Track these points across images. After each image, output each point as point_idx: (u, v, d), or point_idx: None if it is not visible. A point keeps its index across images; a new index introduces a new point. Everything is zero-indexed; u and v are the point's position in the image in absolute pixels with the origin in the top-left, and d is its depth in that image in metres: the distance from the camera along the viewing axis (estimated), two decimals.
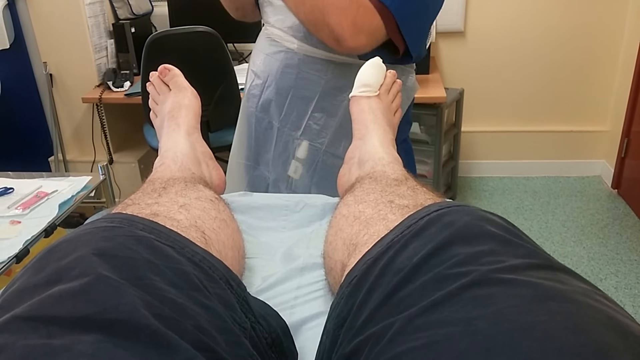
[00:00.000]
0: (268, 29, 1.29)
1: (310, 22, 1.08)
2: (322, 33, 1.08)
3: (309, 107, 1.24)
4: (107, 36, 2.80)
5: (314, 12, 1.04)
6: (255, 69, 1.33)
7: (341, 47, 1.07)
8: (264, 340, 0.57)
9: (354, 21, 1.02)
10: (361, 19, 1.03)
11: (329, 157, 1.26)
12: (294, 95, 1.25)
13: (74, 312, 0.42)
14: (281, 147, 1.30)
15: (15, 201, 1.49)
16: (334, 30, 1.03)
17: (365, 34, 1.05)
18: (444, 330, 0.41)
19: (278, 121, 1.29)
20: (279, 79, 1.26)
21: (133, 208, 0.65)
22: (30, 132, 2.93)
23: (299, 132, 1.27)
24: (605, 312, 0.41)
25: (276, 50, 1.25)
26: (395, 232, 0.59)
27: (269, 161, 1.35)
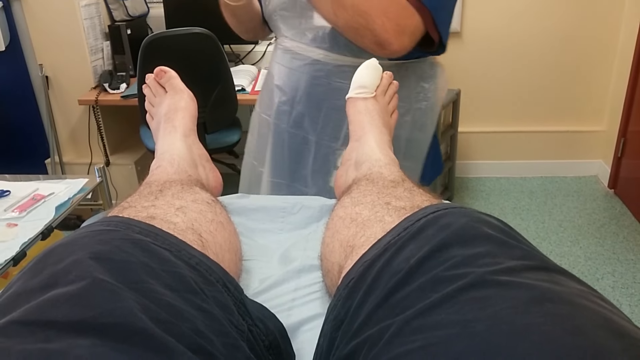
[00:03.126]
0: (286, 42, 1.27)
1: (352, 29, 1.05)
2: (364, 39, 1.05)
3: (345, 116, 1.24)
4: (102, 38, 2.80)
5: (356, 19, 1.02)
6: (280, 84, 1.30)
7: (384, 51, 1.05)
8: (262, 342, 0.57)
9: (397, 23, 1.01)
10: (403, 21, 1.02)
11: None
12: (329, 107, 1.22)
13: (71, 316, 0.41)
14: (320, 160, 1.27)
15: (11, 204, 1.49)
16: (379, 35, 1.01)
17: (408, 34, 1.03)
18: (440, 332, 0.41)
19: (314, 135, 1.26)
20: (309, 92, 1.23)
21: (129, 211, 0.65)
22: (26, 135, 2.92)
23: (338, 142, 1.24)
24: (601, 314, 0.42)
25: (301, 64, 1.23)
26: (392, 234, 0.59)
27: (306, 176, 1.31)
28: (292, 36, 1.23)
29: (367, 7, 1.00)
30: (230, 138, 2.60)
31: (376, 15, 1.00)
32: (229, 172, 3.08)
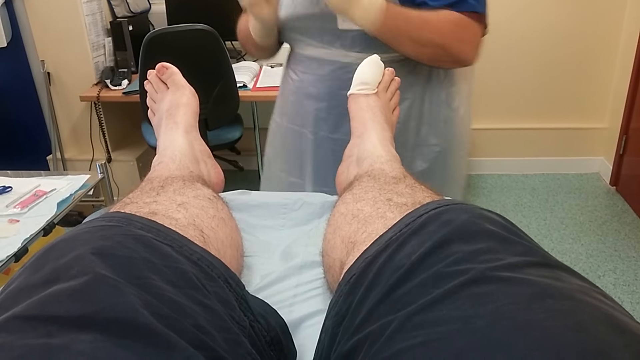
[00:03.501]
0: (309, 50, 1.27)
1: (434, 60, 1.18)
2: (446, 64, 1.20)
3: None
4: (104, 34, 2.79)
5: (437, 52, 1.13)
6: (314, 92, 1.29)
7: (463, 66, 1.20)
8: (263, 338, 0.57)
9: (469, 42, 1.14)
10: (472, 37, 1.14)
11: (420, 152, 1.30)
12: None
13: (73, 311, 0.42)
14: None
15: (13, 200, 1.49)
16: (458, 58, 1.15)
17: (477, 44, 1.16)
18: (442, 328, 0.42)
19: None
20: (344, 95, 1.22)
21: (131, 207, 0.65)
22: (28, 131, 2.92)
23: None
24: (603, 310, 0.42)
25: (331, 69, 1.24)
26: (393, 230, 0.59)
27: None
28: (317, 43, 1.23)
29: (443, 40, 1.12)
30: (231, 135, 2.60)
31: (452, 45, 1.12)
32: (230, 169, 3.08)
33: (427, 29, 1.11)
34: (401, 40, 1.13)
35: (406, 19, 1.10)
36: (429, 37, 1.11)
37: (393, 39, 1.13)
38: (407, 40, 1.12)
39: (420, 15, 1.11)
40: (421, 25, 1.11)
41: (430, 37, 1.11)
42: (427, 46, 1.13)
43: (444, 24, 1.11)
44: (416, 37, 1.12)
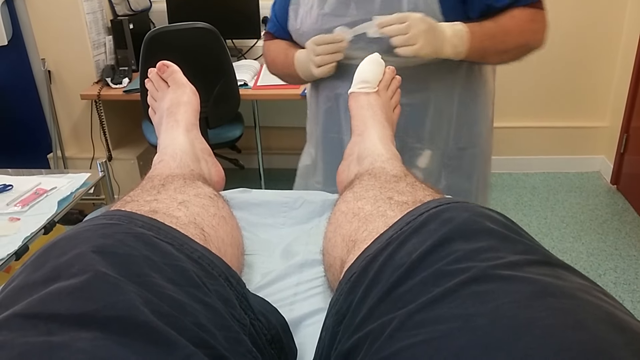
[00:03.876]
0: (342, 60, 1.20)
1: (515, 59, 1.21)
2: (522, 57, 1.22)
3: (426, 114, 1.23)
4: (105, 32, 2.79)
5: (520, 51, 1.19)
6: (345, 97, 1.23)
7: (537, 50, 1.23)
8: (264, 336, 0.57)
9: (544, 29, 1.19)
10: (544, 23, 1.19)
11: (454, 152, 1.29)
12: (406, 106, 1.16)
13: (73, 309, 0.42)
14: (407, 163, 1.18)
15: (14, 198, 1.49)
16: (537, 48, 1.20)
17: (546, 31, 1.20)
18: (442, 326, 0.42)
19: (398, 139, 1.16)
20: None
21: (132, 205, 0.65)
22: (28, 129, 2.92)
23: (423, 141, 1.25)
24: (604, 308, 0.42)
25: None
26: (394, 229, 0.59)
27: None
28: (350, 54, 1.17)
29: (524, 40, 1.17)
30: (232, 133, 2.60)
31: (531, 40, 1.18)
32: (231, 167, 3.08)
33: (510, 37, 1.15)
34: (488, 55, 1.18)
35: (491, 37, 1.13)
36: (512, 44, 1.16)
37: (480, 57, 1.18)
38: (493, 54, 1.18)
39: (500, 26, 1.14)
40: (504, 37, 1.15)
41: (514, 42, 1.16)
42: (511, 51, 1.18)
43: (522, 25, 1.15)
44: (502, 48, 1.17)
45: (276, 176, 3.28)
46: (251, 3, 2.83)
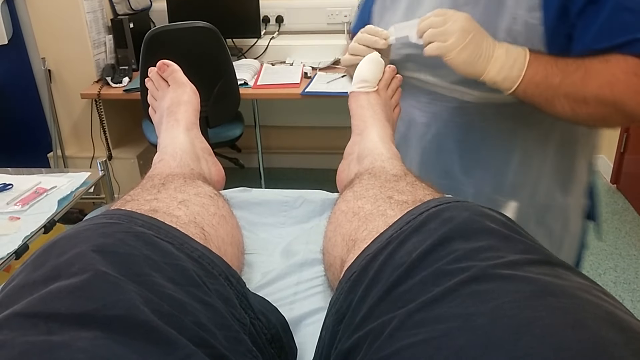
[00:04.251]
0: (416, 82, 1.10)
1: (598, 121, 0.92)
2: (612, 124, 0.95)
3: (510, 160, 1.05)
4: (105, 32, 2.79)
5: (605, 111, 0.88)
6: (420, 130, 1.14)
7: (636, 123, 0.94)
8: (264, 336, 0.57)
9: None
10: None
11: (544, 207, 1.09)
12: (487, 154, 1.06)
13: (73, 309, 0.42)
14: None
15: (14, 197, 1.49)
16: (633, 114, 0.87)
17: None
18: (443, 325, 0.42)
19: (472, 185, 1.09)
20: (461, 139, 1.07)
21: (132, 204, 0.65)
22: (28, 128, 2.93)
23: (503, 192, 1.07)
24: (604, 308, 0.42)
25: (445, 107, 1.06)
26: (394, 228, 0.59)
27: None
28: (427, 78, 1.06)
29: (612, 95, 0.86)
30: (232, 132, 2.61)
31: (630, 100, 0.86)
32: (231, 166, 3.08)
33: (592, 83, 0.86)
34: (554, 98, 0.89)
35: (562, 73, 0.88)
36: (593, 93, 0.86)
37: (542, 97, 0.90)
38: (562, 99, 0.89)
39: (582, 65, 0.87)
40: (583, 80, 0.87)
41: (595, 92, 0.86)
42: (590, 103, 0.87)
43: (616, 75, 0.85)
44: (575, 94, 0.88)
45: (276, 175, 3.28)
46: (251, 2, 2.83)
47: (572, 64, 0.88)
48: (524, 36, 0.88)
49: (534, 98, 0.91)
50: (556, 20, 0.87)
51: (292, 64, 2.82)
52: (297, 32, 2.99)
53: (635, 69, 0.84)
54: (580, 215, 1.12)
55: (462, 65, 0.89)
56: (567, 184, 1.06)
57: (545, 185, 1.06)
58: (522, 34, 0.88)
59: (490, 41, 0.89)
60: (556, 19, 0.87)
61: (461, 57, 0.88)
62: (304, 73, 2.66)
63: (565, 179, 1.06)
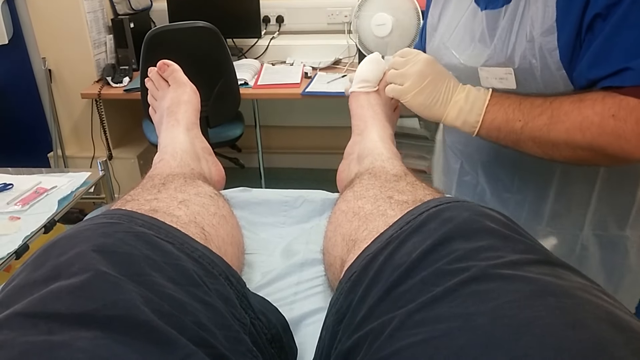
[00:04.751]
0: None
1: (579, 163, 0.86)
2: (606, 164, 0.90)
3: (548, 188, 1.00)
4: (106, 31, 2.79)
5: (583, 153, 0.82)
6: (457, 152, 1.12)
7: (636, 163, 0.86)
8: (264, 336, 0.57)
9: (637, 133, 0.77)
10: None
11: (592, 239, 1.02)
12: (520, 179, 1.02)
13: (74, 309, 0.42)
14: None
15: (14, 197, 1.49)
16: (618, 157, 0.80)
17: None
18: (443, 325, 0.42)
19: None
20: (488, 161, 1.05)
21: (132, 204, 0.65)
22: (29, 128, 2.93)
23: (542, 220, 1.02)
24: (604, 308, 0.42)
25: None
26: (394, 228, 0.59)
27: None
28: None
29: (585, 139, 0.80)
30: (232, 132, 2.60)
31: (607, 142, 0.79)
32: (231, 166, 3.08)
33: (559, 126, 0.81)
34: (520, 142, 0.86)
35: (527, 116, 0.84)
36: (562, 138, 0.81)
37: (510, 141, 0.87)
38: (528, 143, 0.85)
39: (548, 106, 0.83)
40: (551, 124, 0.82)
41: (565, 137, 0.81)
42: (562, 148, 0.82)
43: (590, 118, 0.78)
44: (543, 139, 0.83)
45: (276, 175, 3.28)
46: (252, 2, 2.82)
47: (538, 106, 0.83)
48: (539, 61, 0.83)
49: (500, 141, 0.89)
50: (572, 43, 0.80)
51: (292, 64, 2.82)
52: (298, 32, 2.99)
53: (613, 109, 0.77)
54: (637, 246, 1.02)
55: (419, 108, 0.89)
56: (625, 216, 0.98)
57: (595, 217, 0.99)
58: (537, 59, 0.83)
59: (451, 84, 0.89)
60: (571, 41, 0.80)
61: (417, 100, 0.88)
62: (304, 73, 2.66)
63: (622, 210, 0.98)
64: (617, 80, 0.77)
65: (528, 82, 0.87)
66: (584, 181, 0.96)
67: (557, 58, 0.81)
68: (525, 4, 0.85)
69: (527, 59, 0.84)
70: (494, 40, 0.89)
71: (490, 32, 0.91)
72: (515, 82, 0.88)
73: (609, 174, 0.95)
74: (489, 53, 0.90)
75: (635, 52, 0.75)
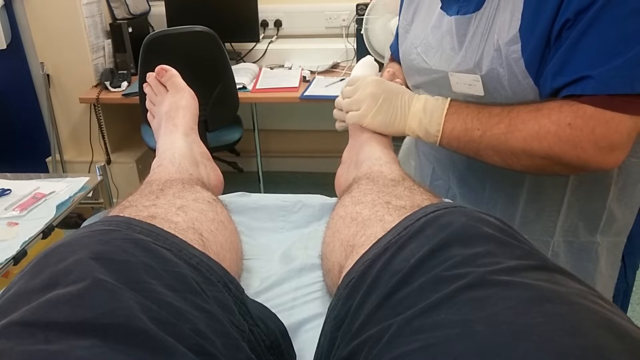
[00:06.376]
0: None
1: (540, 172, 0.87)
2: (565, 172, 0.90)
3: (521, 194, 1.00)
4: (104, 36, 2.79)
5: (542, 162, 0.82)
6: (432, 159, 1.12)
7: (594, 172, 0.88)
8: (262, 343, 0.57)
9: (596, 144, 0.76)
10: (602, 136, 0.76)
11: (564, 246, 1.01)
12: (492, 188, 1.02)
13: (71, 317, 0.41)
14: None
15: (12, 203, 1.49)
16: (575, 166, 0.80)
17: (619, 146, 0.78)
18: (441, 332, 0.42)
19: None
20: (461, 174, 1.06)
21: (130, 210, 0.65)
22: (27, 133, 2.93)
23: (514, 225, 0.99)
24: (601, 314, 0.42)
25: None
26: (392, 234, 0.59)
27: None
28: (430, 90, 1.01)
29: (542, 148, 0.80)
30: (231, 136, 2.61)
31: (563, 151, 0.78)
32: (229, 170, 3.08)
33: (516, 134, 0.81)
34: (481, 151, 0.86)
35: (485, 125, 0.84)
36: (519, 147, 0.81)
37: (470, 150, 0.88)
38: (488, 152, 0.85)
39: (505, 115, 0.83)
40: (508, 132, 0.82)
41: (522, 146, 0.81)
42: (521, 157, 0.83)
43: (545, 126, 0.79)
44: (501, 147, 0.83)
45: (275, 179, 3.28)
46: (250, 6, 2.83)
47: (496, 115, 0.83)
48: (506, 69, 0.83)
49: (461, 151, 0.89)
50: (539, 53, 0.79)
51: (290, 68, 2.82)
52: (296, 36, 2.99)
53: (569, 118, 0.76)
54: (617, 255, 1.03)
55: (380, 127, 0.90)
56: (596, 222, 0.98)
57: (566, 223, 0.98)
58: (504, 67, 0.83)
59: (406, 97, 0.90)
60: (539, 51, 0.79)
61: (376, 120, 0.90)
62: (303, 77, 2.66)
63: (593, 216, 0.97)
64: (578, 89, 0.76)
65: (496, 90, 0.86)
66: (555, 187, 0.96)
67: (523, 67, 0.81)
68: (495, 13, 0.84)
69: (495, 67, 0.84)
70: (464, 46, 0.89)
71: (459, 38, 0.90)
72: (482, 90, 0.88)
73: (579, 181, 0.95)
74: (458, 59, 0.90)
75: (598, 60, 0.74)
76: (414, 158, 1.21)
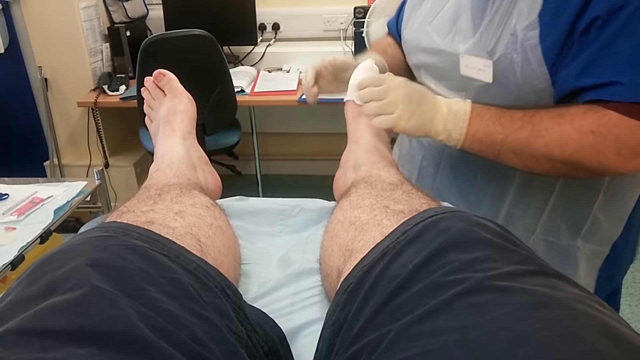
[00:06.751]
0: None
1: (560, 175, 0.90)
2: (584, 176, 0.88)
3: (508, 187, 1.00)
4: (102, 40, 2.79)
5: (563, 168, 0.83)
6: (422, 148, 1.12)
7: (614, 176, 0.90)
8: (261, 349, 0.56)
9: (618, 151, 0.77)
10: (625, 144, 0.77)
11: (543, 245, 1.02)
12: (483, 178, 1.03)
13: (68, 325, 0.41)
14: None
15: (10, 207, 1.49)
16: (595, 171, 0.81)
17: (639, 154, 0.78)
18: (438, 339, 0.41)
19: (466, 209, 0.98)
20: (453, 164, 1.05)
21: (128, 216, 0.65)
22: (25, 137, 2.92)
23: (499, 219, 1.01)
24: (600, 319, 0.42)
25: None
26: (390, 239, 0.58)
27: None
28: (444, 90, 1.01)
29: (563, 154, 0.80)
30: (229, 139, 2.60)
31: (585, 158, 0.79)
32: (228, 174, 3.08)
33: (539, 140, 0.82)
34: (502, 154, 0.87)
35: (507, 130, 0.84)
36: (541, 152, 0.82)
37: (491, 154, 0.88)
38: (510, 155, 0.86)
39: (528, 120, 0.83)
40: (530, 138, 0.82)
41: (544, 151, 0.82)
42: (542, 161, 0.83)
43: (567, 133, 0.79)
44: (523, 152, 0.84)
45: (273, 182, 3.28)
46: (248, 9, 2.83)
47: (519, 120, 0.84)
48: (520, 56, 0.82)
49: (482, 153, 0.89)
50: (560, 42, 0.78)
51: (288, 71, 2.82)
52: (294, 39, 2.99)
53: (593, 126, 0.77)
54: (596, 264, 1.04)
55: (412, 130, 0.88)
56: (579, 226, 0.98)
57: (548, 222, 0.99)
58: (518, 53, 0.82)
59: (430, 98, 0.89)
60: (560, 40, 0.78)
61: (410, 124, 0.87)
62: (301, 80, 2.66)
63: (577, 220, 0.98)
64: (606, 94, 0.75)
65: (506, 77, 0.85)
66: (544, 186, 0.96)
67: (539, 54, 0.80)
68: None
69: (509, 52, 0.83)
70: (479, 29, 0.88)
71: (475, 21, 0.90)
72: (491, 76, 0.87)
73: (569, 183, 0.95)
74: (471, 42, 0.89)
75: (629, 66, 0.73)
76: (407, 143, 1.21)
